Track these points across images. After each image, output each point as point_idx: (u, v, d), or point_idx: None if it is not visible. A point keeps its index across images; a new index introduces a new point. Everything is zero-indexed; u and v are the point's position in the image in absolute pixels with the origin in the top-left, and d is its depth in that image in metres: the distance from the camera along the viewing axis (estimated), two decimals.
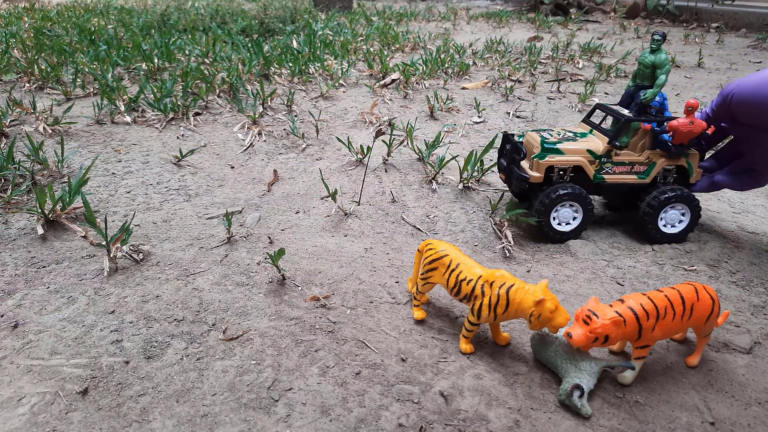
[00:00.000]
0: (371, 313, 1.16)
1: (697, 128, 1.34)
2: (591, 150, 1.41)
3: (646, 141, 1.41)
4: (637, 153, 1.42)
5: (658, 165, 1.42)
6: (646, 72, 1.39)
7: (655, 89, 1.37)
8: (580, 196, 1.41)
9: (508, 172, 1.50)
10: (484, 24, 5.61)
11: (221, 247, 1.40)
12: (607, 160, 1.41)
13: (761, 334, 1.13)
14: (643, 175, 1.43)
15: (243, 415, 0.89)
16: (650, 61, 1.38)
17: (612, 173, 1.43)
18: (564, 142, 1.42)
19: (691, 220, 1.45)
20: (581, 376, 0.93)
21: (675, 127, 1.34)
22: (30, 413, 0.88)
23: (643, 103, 1.39)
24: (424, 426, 0.87)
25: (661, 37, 1.36)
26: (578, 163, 1.41)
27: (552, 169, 1.41)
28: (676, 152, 1.39)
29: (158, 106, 2.23)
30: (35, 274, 1.26)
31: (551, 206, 1.41)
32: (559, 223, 1.45)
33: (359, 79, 2.97)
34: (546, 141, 1.41)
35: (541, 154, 1.40)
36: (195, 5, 5.20)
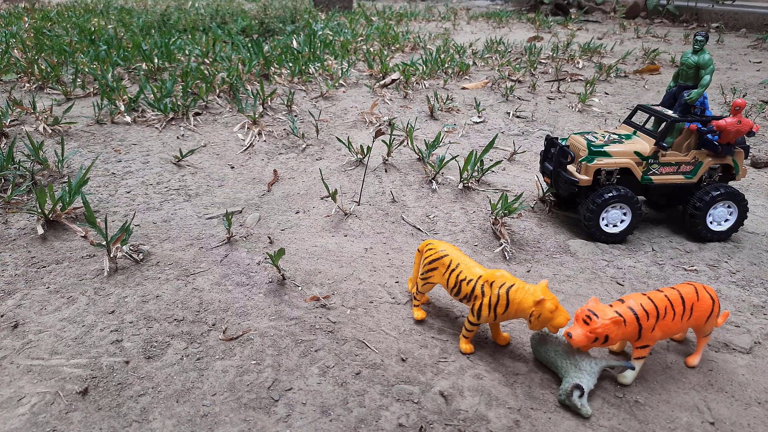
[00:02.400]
0: (371, 313, 1.16)
1: (744, 127, 1.35)
2: (638, 152, 1.41)
3: (692, 141, 1.42)
4: (683, 153, 1.43)
5: (705, 164, 1.43)
6: (690, 72, 1.40)
7: (700, 89, 1.37)
8: (629, 198, 1.42)
9: (555, 176, 1.50)
10: (484, 24, 5.62)
11: (221, 247, 1.40)
12: (654, 161, 1.42)
13: (761, 334, 1.13)
14: (690, 175, 1.44)
15: (243, 415, 0.89)
16: (694, 62, 1.39)
17: (659, 174, 1.44)
18: (611, 145, 1.42)
19: (739, 217, 1.46)
20: (581, 376, 0.93)
21: (723, 127, 1.35)
22: (30, 413, 0.88)
23: (687, 104, 1.39)
24: (424, 426, 0.87)
25: (704, 38, 1.36)
26: (626, 165, 1.41)
27: (599, 171, 1.42)
28: (724, 151, 1.40)
29: (158, 106, 2.23)
30: (35, 274, 1.26)
31: (601, 209, 1.41)
32: (607, 225, 1.45)
33: (359, 79, 2.97)
34: (592, 144, 1.42)
35: (589, 157, 1.41)
36: (195, 5, 5.20)
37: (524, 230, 1.55)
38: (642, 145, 1.43)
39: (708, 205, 1.43)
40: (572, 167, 1.46)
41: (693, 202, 1.44)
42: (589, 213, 1.42)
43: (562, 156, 1.47)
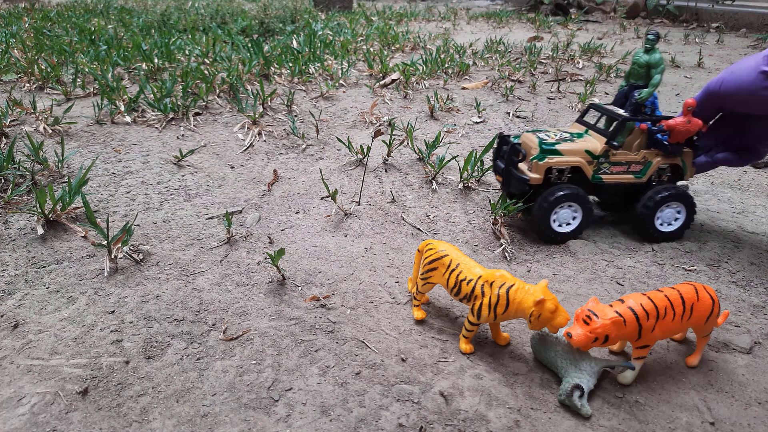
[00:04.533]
0: (371, 313, 1.16)
1: (693, 127, 1.35)
2: (589, 150, 1.40)
3: (642, 140, 1.41)
4: (633, 152, 1.42)
5: (654, 164, 1.42)
6: (641, 71, 1.39)
7: (651, 89, 1.37)
8: (580, 197, 1.41)
9: (506, 174, 1.49)
10: (484, 24, 5.61)
11: (221, 247, 1.40)
12: (605, 160, 1.41)
13: (761, 334, 1.13)
14: (640, 175, 1.43)
15: (243, 415, 0.89)
16: (645, 61, 1.38)
17: (609, 173, 1.42)
18: (562, 143, 1.41)
19: (687, 217, 1.46)
20: (581, 376, 0.93)
21: (672, 127, 1.35)
22: (30, 413, 0.88)
23: (638, 103, 1.39)
24: (424, 426, 0.87)
25: (655, 37, 1.36)
26: (577, 163, 1.40)
27: (550, 170, 1.41)
28: (673, 151, 1.40)
29: (158, 106, 2.23)
30: (35, 274, 1.26)
31: (551, 208, 1.41)
32: (560, 225, 1.44)
33: (359, 79, 2.97)
34: (544, 142, 1.40)
35: (540, 156, 1.39)
36: (195, 5, 5.20)
37: (524, 230, 1.55)
38: (593, 144, 1.41)
39: (656, 206, 1.42)
40: (524, 165, 1.44)
41: (642, 203, 1.43)
42: (539, 212, 1.41)
43: (514, 154, 1.45)
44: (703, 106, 1.41)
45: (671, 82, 3.16)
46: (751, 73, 1.27)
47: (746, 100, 1.30)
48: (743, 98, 1.30)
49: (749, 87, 1.27)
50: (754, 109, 1.32)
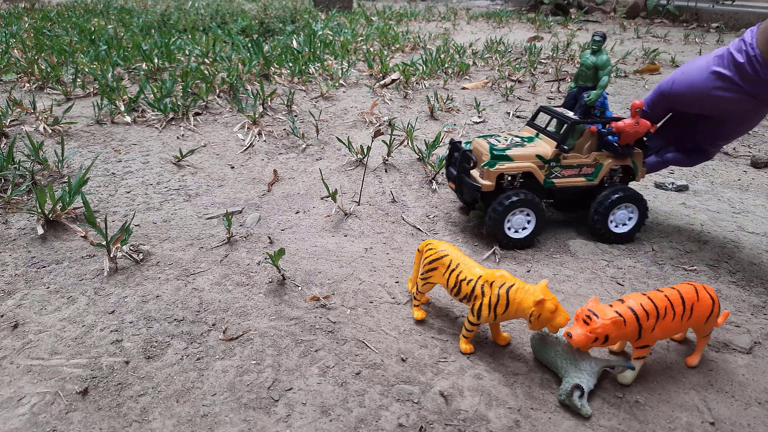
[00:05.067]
0: (371, 313, 1.16)
1: (642, 128, 1.34)
2: (540, 155, 1.38)
3: (593, 143, 1.40)
4: (584, 155, 1.40)
5: (606, 166, 1.41)
6: (588, 73, 1.37)
7: (599, 90, 1.34)
8: (533, 202, 1.38)
9: (458, 182, 1.47)
10: (484, 24, 5.61)
11: (221, 247, 1.40)
12: (556, 164, 1.39)
13: (761, 334, 1.13)
14: (592, 177, 1.42)
15: (243, 415, 0.89)
16: (592, 63, 1.35)
17: (561, 177, 1.41)
18: (513, 148, 1.39)
19: (639, 218, 1.45)
20: (581, 376, 0.93)
21: (621, 128, 1.34)
22: (30, 413, 0.88)
23: (587, 105, 1.36)
24: (424, 426, 0.87)
25: (602, 38, 1.34)
26: (528, 169, 1.38)
27: (503, 176, 1.38)
28: (624, 153, 1.39)
29: (158, 106, 2.23)
30: (35, 274, 1.26)
31: (504, 214, 1.38)
32: (515, 231, 1.42)
33: (359, 79, 2.97)
34: (495, 148, 1.38)
35: (491, 162, 1.37)
36: (195, 5, 5.20)
37: None
38: (544, 148, 1.39)
39: (609, 208, 1.41)
40: (476, 172, 1.42)
41: (594, 205, 1.42)
42: (492, 218, 1.38)
43: (465, 161, 1.43)
44: (654, 106, 1.40)
45: None
46: (702, 73, 1.26)
47: (697, 100, 1.29)
48: (694, 98, 1.29)
49: (700, 87, 1.26)
50: (704, 109, 1.31)
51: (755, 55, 1.15)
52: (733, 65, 1.20)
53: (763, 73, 1.16)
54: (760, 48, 1.15)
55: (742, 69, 1.19)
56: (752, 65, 1.17)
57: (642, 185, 1.92)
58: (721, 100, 1.25)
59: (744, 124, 1.33)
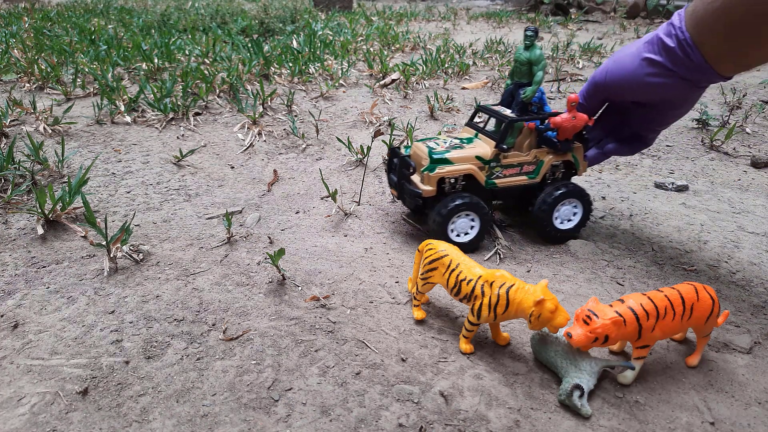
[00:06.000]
0: (371, 313, 1.16)
1: (580, 122, 1.33)
2: (480, 156, 1.36)
3: (532, 140, 1.38)
4: (524, 153, 1.38)
5: (546, 162, 1.39)
6: (523, 69, 1.34)
7: (534, 86, 1.32)
8: (475, 205, 1.36)
9: (399, 188, 1.43)
10: (484, 24, 5.62)
11: (221, 247, 1.40)
12: (497, 164, 1.37)
13: (761, 334, 1.13)
14: (533, 175, 1.40)
15: (243, 415, 0.89)
16: (525, 58, 1.32)
17: (503, 177, 1.39)
18: (452, 151, 1.36)
19: (584, 213, 1.44)
20: (581, 376, 0.93)
21: (559, 124, 1.32)
22: (30, 413, 0.88)
23: (524, 102, 1.34)
24: (424, 426, 0.87)
25: (534, 33, 1.31)
26: (469, 171, 1.35)
27: (444, 180, 1.35)
28: (563, 148, 1.37)
29: (158, 106, 2.23)
30: (35, 274, 1.26)
31: (447, 218, 1.35)
32: (458, 235, 1.39)
33: (359, 79, 2.97)
34: (434, 152, 1.35)
35: (431, 166, 1.33)
36: (195, 5, 5.20)
37: (524, 230, 1.55)
38: (483, 149, 1.36)
39: (553, 205, 1.40)
40: (417, 177, 1.38)
41: (538, 203, 1.41)
42: (437, 223, 1.35)
43: (404, 167, 1.39)
44: (589, 98, 1.37)
45: None
46: (634, 60, 1.23)
47: (631, 88, 1.26)
48: (628, 87, 1.26)
49: (633, 75, 1.23)
50: (639, 96, 1.28)
51: (685, 38, 1.12)
52: (664, 50, 1.17)
53: (694, 57, 1.12)
54: (690, 31, 1.11)
55: (673, 53, 1.15)
56: (683, 49, 1.13)
57: (642, 185, 1.92)
58: (654, 87, 1.21)
59: (679, 109, 1.30)
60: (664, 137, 2.40)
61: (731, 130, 2.27)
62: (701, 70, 1.14)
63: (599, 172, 2.05)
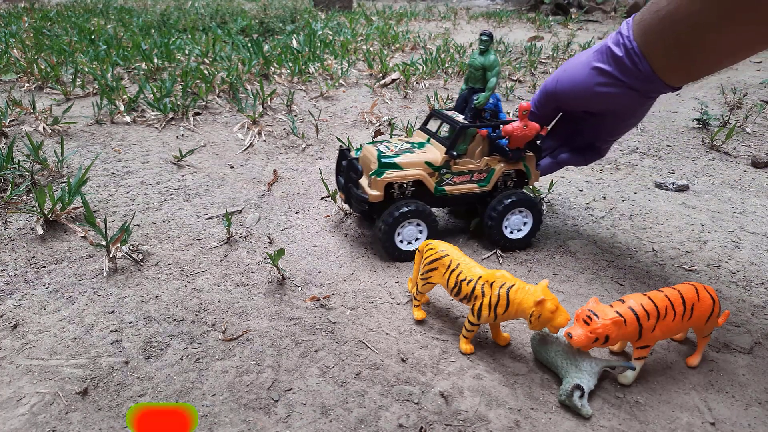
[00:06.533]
0: (371, 313, 1.16)
1: (531, 131, 1.30)
2: (429, 162, 1.32)
3: (484, 147, 1.35)
4: (475, 160, 1.35)
5: (498, 171, 1.36)
6: (477, 74, 1.31)
7: (487, 93, 1.30)
8: (424, 213, 1.32)
9: (347, 193, 1.39)
10: (485, 24, 5.61)
11: (221, 247, 1.40)
12: (447, 171, 1.33)
13: (762, 334, 1.13)
14: (484, 183, 1.37)
15: (243, 416, 0.89)
16: (480, 63, 1.29)
17: (453, 184, 1.35)
18: (402, 155, 1.32)
19: (534, 223, 1.41)
20: (582, 377, 0.93)
21: (510, 132, 1.29)
22: (30, 413, 0.88)
23: (477, 108, 1.31)
24: (424, 426, 0.87)
25: (489, 37, 1.28)
26: (418, 177, 1.31)
27: (392, 185, 1.31)
28: (514, 157, 1.34)
29: (158, 106, 2.23)
30: (35, 274, 1.26)
31: (394, 225, 1.31)
32: (408, 242, 1.35)
33: (359, 78, 2.97)
34: (383, 155, 1.31)
35: (379, 171, 1.29)
36: (195, 5, 5.20)
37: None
38: (434, 155, 1.33)
39: (502, 213, 1.36)
40: (365, 181, 1.34)
41: (488, 211, 1.37)
42: (383, 230, 1.30)
43: (352, 170, 1.35)
44: (541, 106, 1.35)
45: None
46: (584, 69, 1.21)
47: (581, 97, 1.23)
48: (578, 96, 1.23)
49: (583, 84, 1.21)
50: (590, 106, 1.25)
51: (633, 47, 1.10)
52: (613, 60, 1.15)
53: (642, 66, 1.10)
54: (637, 40, 1.09)
55: (621, 63, 1.13)
56: (631, 58, 1.11)
57: (642, 185, 1.92)
58: (604, 96, 1.19)
59: (631, 119, 1.27)
60: (664, 137, 2.40)
61: (732, 130, 2.27)
62: (649, 80, 1.12)
63: (599, 172, 2.05)
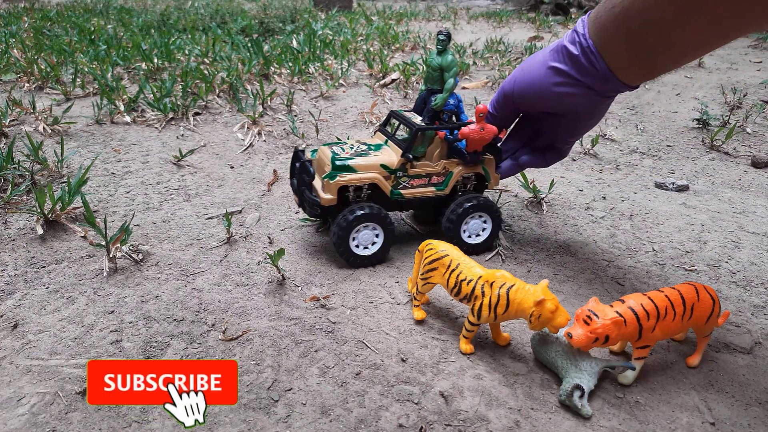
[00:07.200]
0: (371, 313, 1.16)
1: (488, 134, 1.26)
2: (385, 164, 1.28)
3: (442, 150, 1.31)
4: (433, 163, 1.32)
5: (456, 174, 1.33)
6: (435, 75, 1.27)
7: (445, 94, 1.26)
8: (379, 217, 1.28)
9: (300, 196, 1.35)
10: (484, 24, 5.61)
11: (221, 247, 1.40)
12: (403, 174, 1.30)
13: (762, 334, 1.13)
14: (442, 186, 1.34)
15: (243, 416, 0.89)
16: (437, 64, 1.25)
17: (410, 187, 1.32)
18: (356, 158, 1.28)
19: (494, 228, 1.38)
20: (582, 377, 0.93)
21: (467, 135, 1.26)
22: (30, 413, 0.88)
23: (434, 110, 1.28)
24: (424, 426, 0.87)
25: (446, 37, 1.24)
26: (373, 180, 1.28)
27: (347, 188, 1.28)
28: (472, 160, 1.31)
29: (158, 105, 2.23)
30: (35, 274, 1.26)
31: (349, 230, 1.27)
32: (365, 247, 1.32)
33: (359, 78, 2.97)
34: (337, 158, 1.27)
35: (332, 173, 1.25)
36: (195, 5, 5.20)
37: (524, 230, 1.55)
38: (390, 157, 1.29)
39: (460, 218, 1.34)
40: (318, 184, 1.30)
41: (446, 215, 1.34)
42: (337, 235, 1.27)
43: (305, 173, 1.31)
44: (500, 108, 1.31)
45: (671, 81, 3.16)
46: (540, 69, 1.17)
47: (539, 98, 1.19)
48: (536, 97, 1.20)
49: (540, 85, 1.17)
50: (547, 107, 1.21)
51: (588, 45, 1.06)
52: (569, 58, 1.11)
53: (598, 65, 1.06)
54: (593, 38, 1.05)
55: (577, 62, 1.09)
56: (587, 57, 1.07)
57: (642, 185, 1.92)
58: (561, 97, 1.15)
59: (590, 119, 1.24)
60: (664, 137, 2.40)
61: (732, 130, 2.27)
62: (606, 78, 1.08)
63: (599, 172, 2.05)
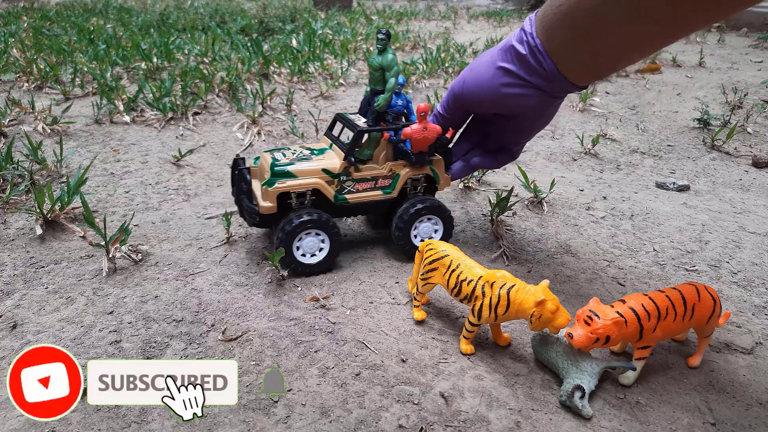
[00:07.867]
0: (371, 313, 1.16)
1: (432, 134, 1.23)
2: (327, 169, 1.24)
3: (388, 152, 1.29)
4: (380, 165, 1.29)
5: (403, 176, 1.30)
6: (377, 75, 1.23)
7: (387, 94, 1.22)
8: (323, 223, 1.24)
9: (238, 204, 1.31)
10: (485, 23, 5.61)
11: (220, 248, 1.40)
12: (347, 178, 1.26)
13: (763, 334, 1.13)
14: (389, 190, 1.30)
15: (242, 416, 0.88)
16: (378, 63, 1.22)
17: (355, 191, 1.28)
18: (297, 163, 1.24)
19: (445, 230, 1.36)
20: (582, 377, 0.92)
21: (409, 135, 1.23)
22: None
23: (378, 111, 1.24)
24: (425, 427, 0.87)
25: (385, 36, 1.21)
26: (315, 186, 1.24)
27: (288, 195, 1.24)
28: (418, 161, 1.28)
29: (157, 105, 2.22)
30: (34, 274, 1.26)
31: (292, 237, 1.23)
32: (311, 255, 1.27)
33: (359, 78, 2.97)
34: (276, 164, 1.23)
35: (271, 180, 1.21)
36: (194, 4, 5.20)
37: (525, 230, 1.54)
38: (332, 161, 1.26)
39: (410, 221, 1.30)
40: (258, 191, 1.27)
41: (395, 220, 1.31)
42: (280, 241, 1.22)
43: (242, 180, 1.27)
44: (449, 109, 1.28)
45: (672, 81, 3.16)
46: (489, 69, 1.13)
47: (487, 99, 1.16)
48: (485, 98, 1.16)
49: (489, 85, 1.13)
50: (496, 108, 1.18)
51: (536, 45, 1.03)
52: (517, 58, 1.07)
53: (546, 65, 1.04)
54: (540, 37, 1.03)
55: (525, 62, 1.06)
56: (535, 57, 1.04)
57: (643, 185, 1.91)
58: (510, 98, 1.12)
59: (539, 120, 1.22)
60: (665, 137, 2.40)
61: (732, 129, 2.26)
62: (554, 78, 1.06)
63: (600, 172, 2.04)
